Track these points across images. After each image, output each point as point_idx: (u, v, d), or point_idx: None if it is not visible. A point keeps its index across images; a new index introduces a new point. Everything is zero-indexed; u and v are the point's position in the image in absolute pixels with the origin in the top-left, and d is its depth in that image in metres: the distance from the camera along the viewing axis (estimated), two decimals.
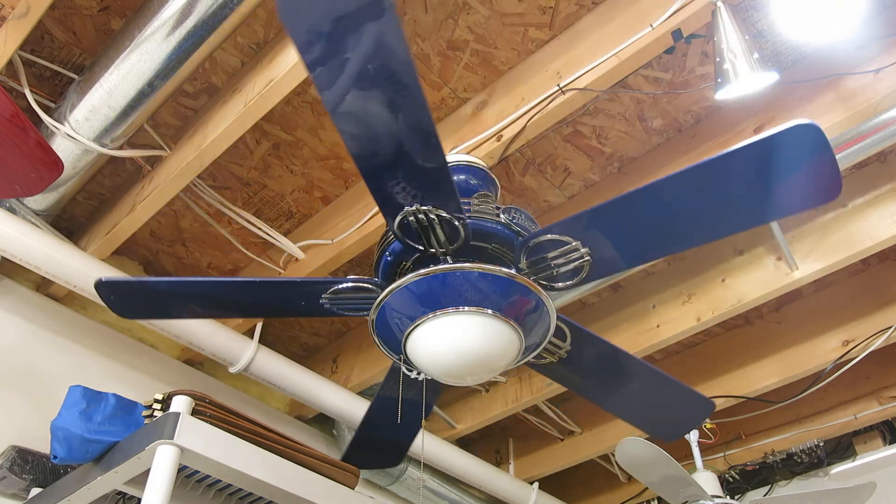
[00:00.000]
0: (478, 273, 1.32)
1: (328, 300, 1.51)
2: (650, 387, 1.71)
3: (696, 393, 1.75)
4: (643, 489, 3.55)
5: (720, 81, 1.75)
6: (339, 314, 1.54)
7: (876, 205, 2.35)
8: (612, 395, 1.76)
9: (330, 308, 1.53)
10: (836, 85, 2.06)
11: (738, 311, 2.57)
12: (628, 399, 1.76)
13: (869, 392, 3.09)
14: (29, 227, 2.18)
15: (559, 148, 2.43)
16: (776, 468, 3.32)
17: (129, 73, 1.89)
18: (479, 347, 1.33)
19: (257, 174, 2.52)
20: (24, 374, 2.33)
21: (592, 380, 1.71)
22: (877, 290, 2.70)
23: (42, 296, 2.54)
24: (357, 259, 2.60)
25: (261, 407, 3.08)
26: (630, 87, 2.23)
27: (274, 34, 2.09)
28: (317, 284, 1.50)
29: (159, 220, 2.67)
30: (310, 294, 1.51)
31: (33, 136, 1.61)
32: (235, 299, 1.61)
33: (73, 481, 1.86)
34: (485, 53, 2.17)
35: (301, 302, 1.54)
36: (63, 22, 2.08)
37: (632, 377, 1.69)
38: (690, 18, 1.82)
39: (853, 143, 2.06)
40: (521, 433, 3.57)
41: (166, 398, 1.79)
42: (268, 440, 1.92)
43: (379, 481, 3.17)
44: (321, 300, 1.51)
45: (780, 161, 1.13)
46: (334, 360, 3.17)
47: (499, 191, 1.74)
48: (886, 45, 1.99)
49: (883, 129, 2.01)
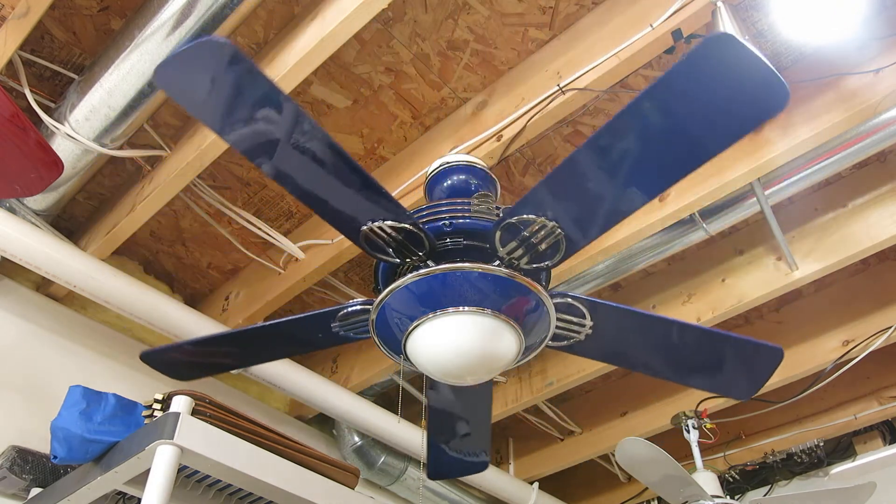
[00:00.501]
0: (478, 273, 1.32)
1: (340, 326, 1.53)
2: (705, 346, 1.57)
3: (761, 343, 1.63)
4: (643, 489, 3.55)
5: None
6: (357, 339, 1.55)
7: (876, 205, 2.35)
8: (666, 362, 1.61)
9: (345, 335, 1.54)
10: (836, 85, 2.05)
11: (738, 311, 2.57)
12: (685, 363, 1.61)
13: (869, 392, 3.09)
14: (29, 227, 2.18)
15: (559, 148, 2.43)
16: (776, 468, 3.31)
17: (130, 72, 1.89)
18: (479, 347, 1.33)
19: (257, 174, 2.52)
20: (24, 374, 2.33)
21: (637, 349, 1.59)
22: (877, 290, 2.70)
23: (42, 296, 2.54)
24: (357, 259, 2.61)
25: (261, 407, 3.08)
26: (630, 87, 2.23)
27: (274, 34, 2.10)
28: (324, 315, 1.51)
29: (159, 220, 2.67)
30: (321, 325, 1.53)
31: (33, 136, 1.61)
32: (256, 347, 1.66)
33: (73, 481, 1.86)
34: (485, 53, 2.17)
35: (318, 334, 1.56)
36: (63, 22, 2.08)
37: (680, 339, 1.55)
38: (690, 18, 1.82)
39: (853, 143, 2.06)
40: (521, 433, 3.57)
41: (166, 398, 1.79)
42: (268, 440, 1.92)
43: (379, 481, 3.17)
44: (333, 328, 1.53)
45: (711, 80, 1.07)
46: (334, 360, 3.17)
47: (499, 191, 1.74)
48: (886, 45, 1.98)
49: (883, 129, 2.01)
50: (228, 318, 2.76)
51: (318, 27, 1.85)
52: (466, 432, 1.83)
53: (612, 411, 3.30)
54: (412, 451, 2.99)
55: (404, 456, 3.12)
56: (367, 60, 2.20)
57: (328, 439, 3.25)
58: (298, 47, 1.88)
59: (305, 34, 1.88)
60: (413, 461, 3.12)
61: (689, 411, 2.81)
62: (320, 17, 1.86)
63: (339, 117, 2.34)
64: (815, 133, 2.04)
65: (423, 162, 2.26)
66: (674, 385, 3.11)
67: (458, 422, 1.80)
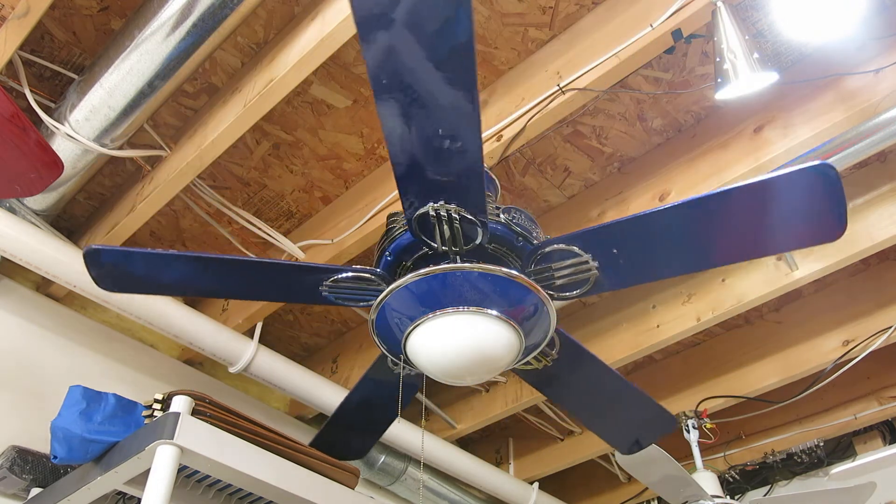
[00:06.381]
0: (478, 273, 1.32)
1: (328, 289, 1.49)
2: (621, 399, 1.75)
3: (661, 408, 1.80)
4: (643, 489, 3.55)
5: (720, 81, 1.75)
6: (337, 303, 1.51)
7: (876, 205, 2.35)
8: (584, 406, 1.79)
9: (328, 296, 1.50)
10: (836, 85, 2.05)
11: (738, 311, 2.57)
12: (598, 410, 1.80)
13: (869, 392, 3.09)
14: (29, 227, 2.18)
15: (559, 148, 2.43)
16: (776, 468, 3.32)
17: (130, 72, 1.89)
18: (479, 347, 1.33)
19: (257, 174, 2.52)
20: (24, 374, 2.33)
21: (569, 389, 1.73)
22: (877, 290, 2.70)
23: (42, 296, 2.54)
24: (357, 259, 2.60)
25: (261, 407, 3.08)
26: (630, 87, 2.23)
27: (274, 34, 2.10)
28: (317, 271, 1.47)
29: (159, 219, 2.67)
30: (310, 280, 1.49)
31: (33, 136, 1.61)
32: (234, 279, 1.56)
33: (73, 481, 1.86)
34: (485, 53, 2.17)
35: (301, 287, 1.51)
36: (63, 22, 2.08)
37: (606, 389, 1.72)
38: (690, 18, 1.82)
39: (853, 143, 2.06)
40: (521, 433, 3.57)
41: (166, 398, 1.79)
42: (268, 440, 1.92)
43: (379, 481, 3.17)
44: (321, 288, 1.49)
45: (793, 198, 1.17)
46: (334, 360, 3.17)
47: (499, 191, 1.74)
48: (886, 45, 1.99)
49: (883, 129, 2.01)
50: (228, 318, 2.76)
51: (318, 27, 1.85)
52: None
53: None
54: (412, 451, 2.99)
55: (404, 456, 3.12)
56: None
57: None
58: (298, 47, 1.88)
59: (305, 34, 1.88)
60: (413, 461, 3.12)
61: (689, 411, 2.81)
62: (320, 17, 1.86)
63: (339, 117, 2.34)
64: (815, 133, 2.04)
65: None
66: (674, 385, 3.11)
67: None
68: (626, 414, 1.79)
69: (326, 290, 1.49)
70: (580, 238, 1.34)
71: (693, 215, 1.25)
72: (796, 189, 1.16)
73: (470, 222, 1.31)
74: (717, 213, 1.24)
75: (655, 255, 1.34)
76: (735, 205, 1.22)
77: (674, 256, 1.34)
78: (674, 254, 1.33)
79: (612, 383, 1.71)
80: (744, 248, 1.32)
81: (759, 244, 1.29)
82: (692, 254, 1.33)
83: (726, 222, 1.25)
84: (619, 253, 1.33)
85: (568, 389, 1.73)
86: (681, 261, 1.35)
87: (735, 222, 1.25)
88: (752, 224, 1.25)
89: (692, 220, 1.26)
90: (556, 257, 1.36)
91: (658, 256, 1.34)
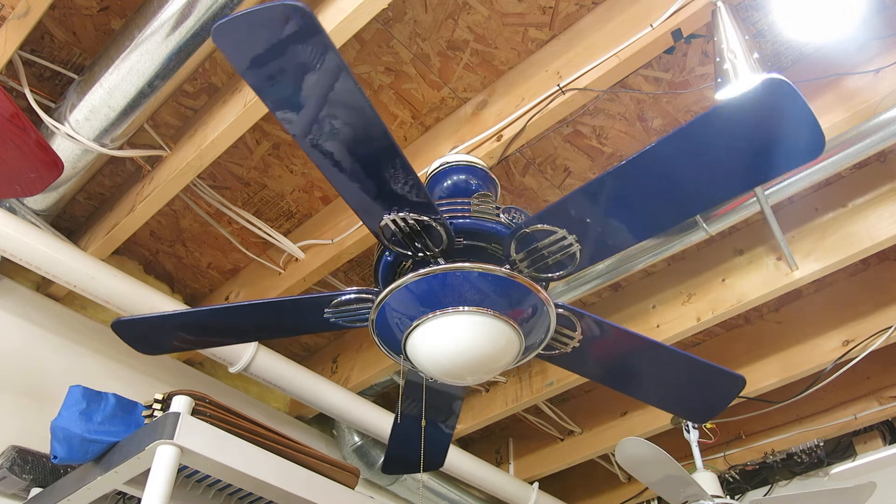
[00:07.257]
0: (478, 273, 1.32)
1: (332, 314, 1.52)
2: (673, 369, 1.65)
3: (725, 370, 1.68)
4: (643, 489, 3.55)
5: (720, 81, 1.75)
6: (346, 327, 1.55)
7: (876, 205, 2.35)
8: (635, 382, 1.71)
9: (336, 322, 1.53)
10: (836, 85, 2.06)
11: (738, 311, 2.57)
12: (653, 384, 1.70)
13: (869, 392, 3.09)
14: (29, 227, 2.18)
15: (559, 148, 2.43)
16: (776, 468, 3.32)
17: (130, 72, 1.89)
18: (479, 347, 1.33)
19: (257, 174, 2.52)
20: (24, 374, 2.33)
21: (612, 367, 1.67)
22: (877, 290, 2.70)
23: (42, 296, 2.54)
24: (357, 259, 2.61)
25: (261, 407, 3.09)
26: (630, 87, 2.23)
27: None
28: (319, 299, 1.50)
29: (159, 219, 2.67)
30: (313, 310, 1.52)
31: (33, 136, 1.61)
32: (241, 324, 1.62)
33: (73, 481, 1.86)
34: (485, 53, 2.17)
35: (306, 319, 1.55)
36: (63, 22, 2.08)
37: (652, 361, 1.63)
38: (690, 18, 1.83)
39: (853, 143, 2.06)
40: (521, 433, 3.57)
41: (166, 398, 1.79)
42: (268, 440, 1.92)
43: (379, 481, 3.17)
44: (325, 314, 1.52)
45: (756, 120, 1.09)
46: (334, 360, 3.17)
47: (499, 191, 1.74)
48: (886, 45, 1.99)
49: (883, 129, 2.01)
50: None
51: None
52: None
53: (612, 411, 3.30)
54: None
55: None
56: (367, 60, 2.20)
57: (328, 439, 3.25)
58: None
59: None
60: None
61: None
62: (320, 17, 1.85)
63: None
64: None
65: (423, 162, 2.26)
66: None
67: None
68: (685, 382, 1.69)
69: (331, 315, 1.52)
70: (549, 214, 1.30)
71: (653, 166, 1.18)
72: (756, 109, 1.08)
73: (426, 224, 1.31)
74: (677, 157, 1.17)
75: (631, 214, 1.27)
76: (692, 144, 1.14)
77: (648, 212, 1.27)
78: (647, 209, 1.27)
79: (663, 356, 1.62)
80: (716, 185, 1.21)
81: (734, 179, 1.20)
82: (667, 204, 1.25)
83: (692, 163, 1.17)
84: (594, 222, 1.29)
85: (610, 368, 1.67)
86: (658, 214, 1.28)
87: (701, 161, 1.17)
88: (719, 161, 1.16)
89: (652, 171, 1.19)
90: (540, 237, 1.33)
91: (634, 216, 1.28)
